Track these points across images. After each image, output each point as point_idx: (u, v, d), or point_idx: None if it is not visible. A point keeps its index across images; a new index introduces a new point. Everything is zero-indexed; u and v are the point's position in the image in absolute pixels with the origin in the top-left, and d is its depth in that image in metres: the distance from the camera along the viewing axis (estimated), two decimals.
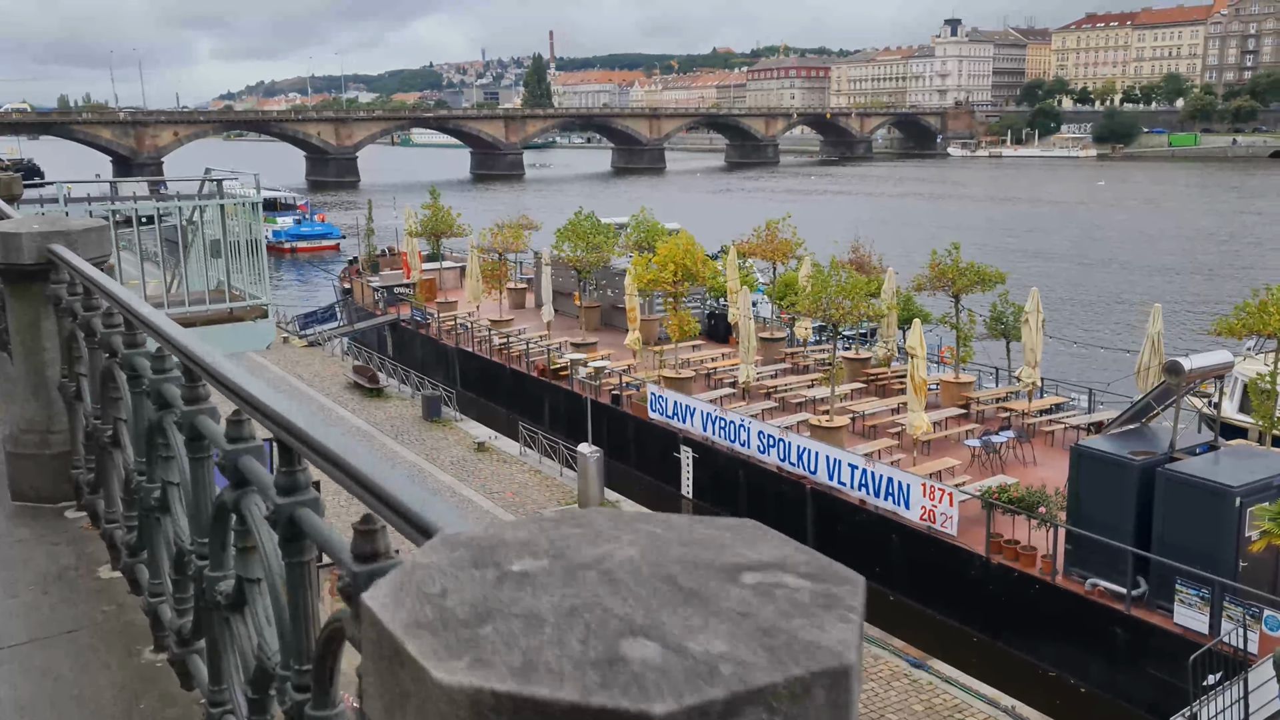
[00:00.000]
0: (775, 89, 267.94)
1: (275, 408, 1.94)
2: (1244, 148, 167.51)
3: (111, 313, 3.60)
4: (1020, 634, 18.49)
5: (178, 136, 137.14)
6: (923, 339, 22.59)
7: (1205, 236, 77.95)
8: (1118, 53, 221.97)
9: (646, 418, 27.59)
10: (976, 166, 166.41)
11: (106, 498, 4.03)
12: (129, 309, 3.18)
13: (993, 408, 26.87)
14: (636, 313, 30.63)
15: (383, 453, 27.60)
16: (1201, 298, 51.27)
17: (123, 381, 3.39)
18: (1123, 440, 17.88)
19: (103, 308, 3.68)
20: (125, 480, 3.62)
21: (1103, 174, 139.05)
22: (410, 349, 40.57)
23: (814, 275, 24.91)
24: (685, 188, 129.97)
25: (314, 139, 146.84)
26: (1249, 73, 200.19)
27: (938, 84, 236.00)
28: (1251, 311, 20.38)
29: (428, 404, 30.83)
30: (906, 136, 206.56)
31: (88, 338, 3.93)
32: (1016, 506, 18.61)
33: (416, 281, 43.82)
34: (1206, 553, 15.76)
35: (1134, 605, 16.66)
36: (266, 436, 2.14)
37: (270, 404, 1.97)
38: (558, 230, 36.16)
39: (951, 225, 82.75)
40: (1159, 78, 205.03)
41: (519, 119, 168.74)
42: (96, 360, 3.84)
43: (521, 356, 33.82)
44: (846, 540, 22.04)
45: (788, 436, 23.36)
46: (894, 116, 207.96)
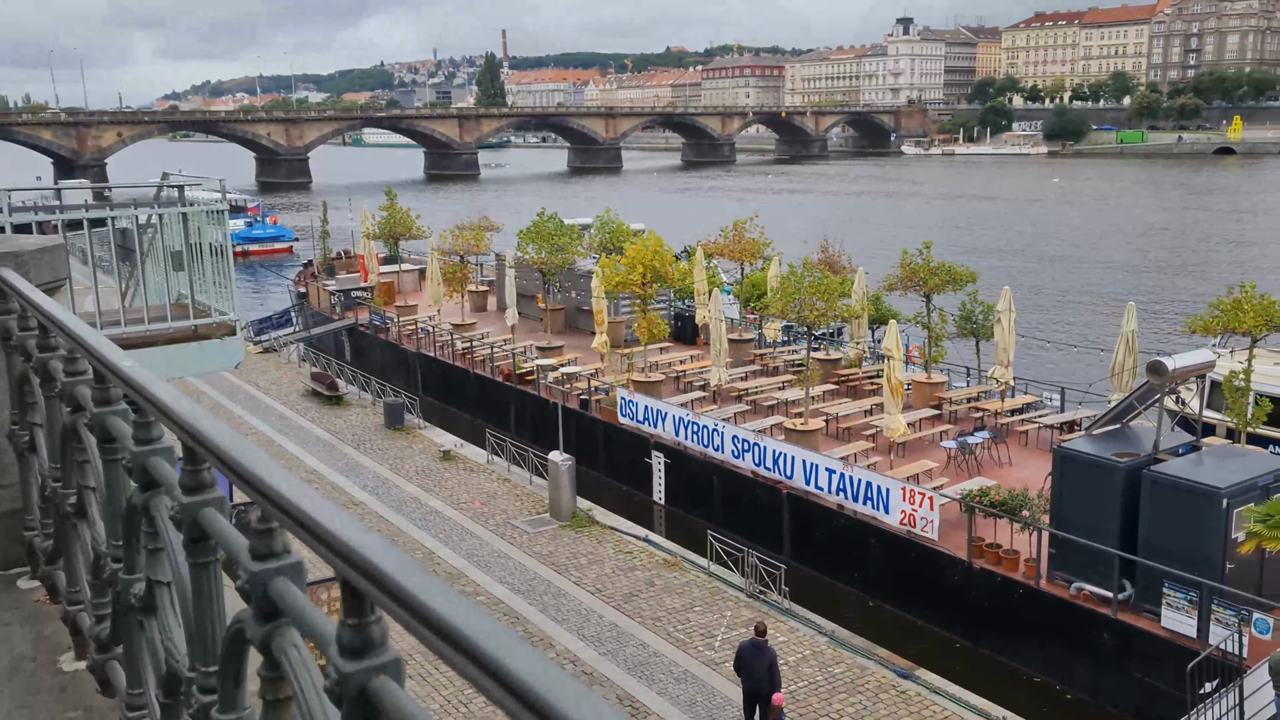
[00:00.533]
0: (730, 88, 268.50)
1: (301, 505, 1.54)
2: (1189, 145, 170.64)
3: (75, 357, 3.03)
4: (1004, 639, 18.23)
5: (121, 137, 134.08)
6: (899, 340, 22.31)
7: (1158, 233, 79.00)
8: (1066, 51, 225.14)
9: (617, 423, 27.07)
10: (931, 164, 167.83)
11: (69, 574, 3.44)
12: (95, 353, 2.62)
13: (965, 408, 26.68)
14: (604, 315, 30.09)
15: (346, 462, 26.81)
16: (1161, 295, 51.79)
17: (91, 445, 2.88)
18: (1105, 442, 17.66)
19: (61, 349, 3.11)
20: (94, 562, 3.10)
21: (1055, 171, 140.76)
22: (369, 354, 39.70)
23: (787, 276, 24.51)
24: (643, 187, 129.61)
25: (264, 140, 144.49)
26: (1191, 71, 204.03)
27: (891, 82, 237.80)
28: (1225, 309, 20.31)
29: (390, 411, 30.06)
30: (861, 135, 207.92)
31: (44, 383, 3.33)
32: (999, 510, 18.34)
33: (374, 285, 42.95)
34: (1193, 555, 15.57)
35: (1120, 609, 16.45)
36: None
37: (293, 500, 1.57)
38: (520, 232, 35.52)
39: (912, 224, 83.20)
40: (1106, 76, 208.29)
41: (473, 118, 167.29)
42: (55, 411, 3.25)
43: (486, 361, 33.14)
44: (824, 546, 21.71)
45: (763, 440, 22.95)
46: (848, 115, 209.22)
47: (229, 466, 1.78)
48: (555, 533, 22.06)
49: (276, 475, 1.62)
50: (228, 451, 1.80)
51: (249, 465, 1.69)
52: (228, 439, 1.85)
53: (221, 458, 1.82)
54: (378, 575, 1.28)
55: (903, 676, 16.18)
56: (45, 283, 3.39)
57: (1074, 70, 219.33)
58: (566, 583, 19.62)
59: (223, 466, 1.82)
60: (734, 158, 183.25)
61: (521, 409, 30.93)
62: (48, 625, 3.72)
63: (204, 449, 1.91)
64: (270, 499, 1.59)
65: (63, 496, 3.26)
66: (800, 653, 16.89)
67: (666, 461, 25.71)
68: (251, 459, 1.71)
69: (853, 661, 16.68)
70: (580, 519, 22.53)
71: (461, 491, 24.72)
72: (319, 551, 1.44)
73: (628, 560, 20.66)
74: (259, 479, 1.64)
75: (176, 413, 2.06)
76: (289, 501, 1.54)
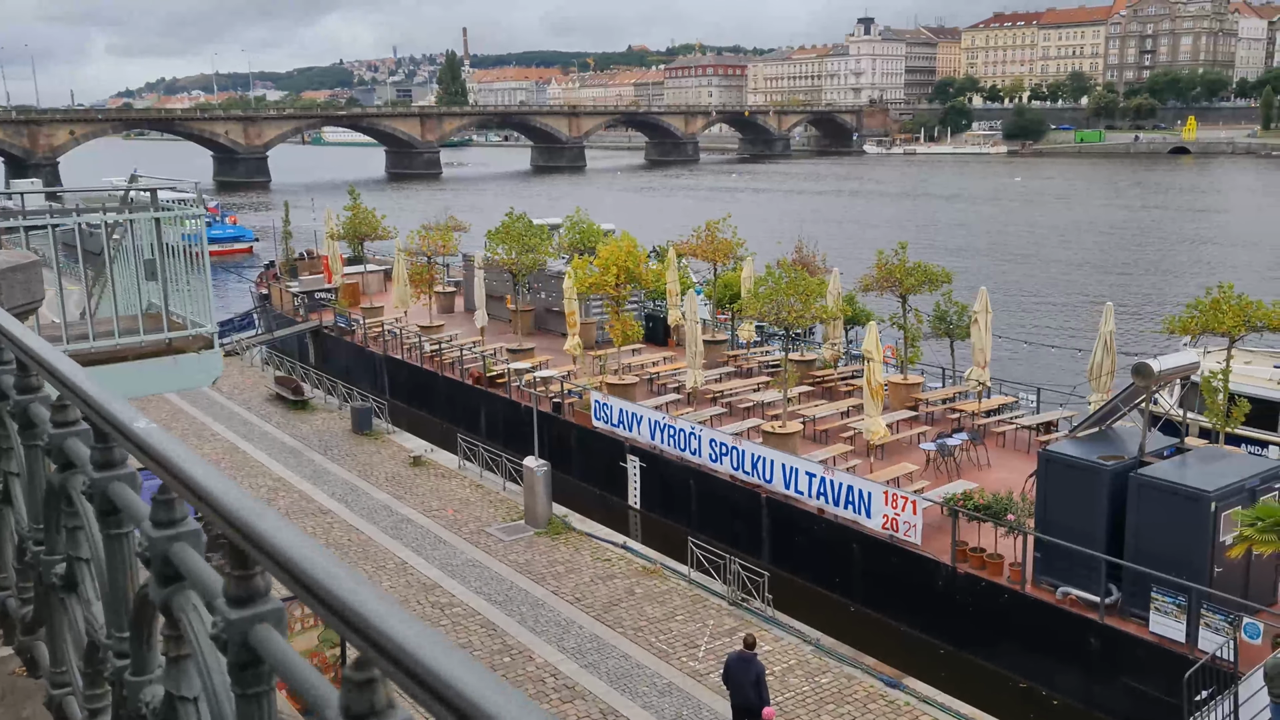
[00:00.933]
0: (693, 87, 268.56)
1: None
2: (1145, 144, 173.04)
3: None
4: (990, 645, 18.03)
5: (74, 135, 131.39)
6: (879, 342, 22.08)
7: (1120, 232, 79.79)
8: (1024, 51, 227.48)
9: (590, 426, 26.64)
10: (893, 164, 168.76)
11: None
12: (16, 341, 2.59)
13: (942, 409, 26.54)
14: (576, 317, 29.64)
15: (313, 469, 26.15)
16: (1127, 294, 52.13)
17: (13, 431, 2.92)
18: (1089, 444, 17.51)
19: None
20: (18, 546, 3.12)
21: (1015, 170, 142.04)
22: (334, 357, 38.95)
23: (765, 277, 24.20)
24: (607, 186, 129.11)
25: (222, 138, 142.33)
26: (1147, 71, 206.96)
27: (852, 82, 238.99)
28: (1204, 310, 20.26)
29: (358, 416, 29.41)
30: (823, 134, 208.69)
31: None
32: (983, 514, 18.14)
33: (339, 286, 42.17)
34: (1181, 559, 15.43)
35: (1108, 614, 16.29)
36: None
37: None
38: (489, 232, 34.95)
39: (877, 223, 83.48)
40: (1064, 76, 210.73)
41: (435, 117, 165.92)
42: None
43: (455, 364, 32.56)
44: (805, 551, 21.42)
45: (741, 444, 22.63)
46: (811, 114, 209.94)
47: (124, 435, 1.90)
48: (531, 540, 21.59)
49: (170, 445, 1.74)
50: (125, 424, 1.91)
51: (142, 435, 1.83)
52: (125, 413, 1.94)
53: (122, 431, 1.92)
54: (254, 534, 1.41)
55: (891, 686, 15.91)
56: (18, 306, 2.99)
57: (1032, 70, 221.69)
58: (544, 592, 19.17)
59: (119, 436, 1.94)
60: (698, 157, 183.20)
61: (493, 413, 30.40)
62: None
63: (111, 428, 2.00)
64: (166, 467, 1.69)
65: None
66: (786, 662, 16.57)
67: (642, 466, 25.31)
68: (145, 430, 1.84)
69: (839, 670, 16.38)
70: (556, 526, 22.08)
71: (433, 498, 24.18)
72: (205, 513, 1.55)
73: (606, 568, 20.24)
74: (151, 447, 1.77)
75: (86, 391, 2.17)
76: (180, 469, 1.65)
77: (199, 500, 1.54)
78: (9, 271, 2.79)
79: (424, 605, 18.60)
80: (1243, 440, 22.14)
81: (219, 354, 7.39)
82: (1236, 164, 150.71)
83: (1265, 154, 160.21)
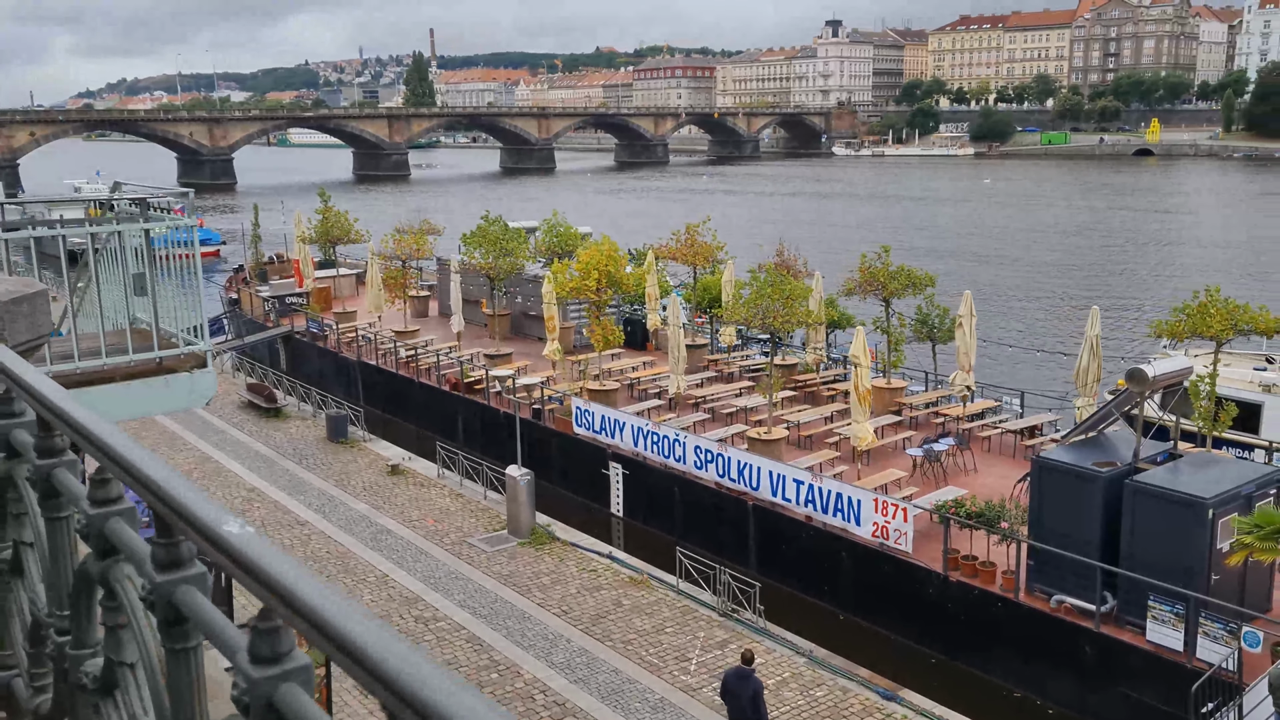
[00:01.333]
0: (662, 88, 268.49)
1: None
2: (1110, 146, 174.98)
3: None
4: (983, 654, 17.83)
5: (34, 137, 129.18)
6: (866, 346, 21.85)
7: (1089, 233, 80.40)
8: (990, 54, 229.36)
9: (572, 433, 26.25)
10: (862, 165, 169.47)
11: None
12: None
13: (925, 413, 26.39)
14: (556, 322, 29.22)
15: (289, 479, 25.56)
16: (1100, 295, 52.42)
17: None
18: (1082, 450, 17.36)
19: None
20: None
21: (984, 172, 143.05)
22: (306, 363, 38.27)
23: (751, 281, 23.90)
24: (578, 188, 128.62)
25: (186, 140, 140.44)
26: (1111, 74, 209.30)
27: (820, 84, 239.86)
28: (1191, 313, 20.21)
29: (333, 424, 28.81)
30: (792, 136, 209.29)
31: None
32: (976, 521, 17.94)
33: (310, 290, 41.49)
34: (1178, 566, 15.29)
35: (1103, 622, 16.13)
36: None
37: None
38: (464, 235, 34.46)
39: (848, 224, 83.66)
40: (1029, 79, 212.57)
41: (403, 118, 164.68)
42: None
43: (431, 369, 32.04)
44: (793, 559, 21.15)
45: (727, 451, 22.33)
46: (780, 116, 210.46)
47: (64, 422, 1.94)
48: (514, 551, 21.17)
49: (103, 428, 1.80)
50: (66, 412, 1.96)
51: (80, 420, 1.88)
52: (65, 401, 1.98)
53: (62, 418, 1.96)
54: (176, 504, 1.50)
55: (887, 698, 15.64)
56: (23, 344, 2.63)
57: (998, 73, 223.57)
58: (530, 605, 18.75)
59: (60, 423, 1.97)
60: (667, 158, 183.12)
61: (470, 420, 29.92)
62: None
63: (52, 415, 2.04)
64: (101, 449, 1.76)
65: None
66: (780, 675, 16.27)
67: (625, 473, 24.96)
68: (83, 416, 1.89)
69: (834, 683, 16.10)
70: (540, 536, 21.67)
71: (412, 508, 23.67)
72: (135, 488, 1.64)
73: (592, 579, 19.86)
74: (88, 430, 1.83)
75: (27, 382, 2.18)
76: (114, 449, 1.72)
77: (130, 477, 1.59)
78: (12, 304, 2.38)
79: (407, 619, 18.13)
80: (1225, 444, 22.15)
81: (213, 373, 6.93)
82: (1199, 165, 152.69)
83: (1227, 155, 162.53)
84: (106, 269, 7.01)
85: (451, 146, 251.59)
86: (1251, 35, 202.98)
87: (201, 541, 1.45)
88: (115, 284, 6.83)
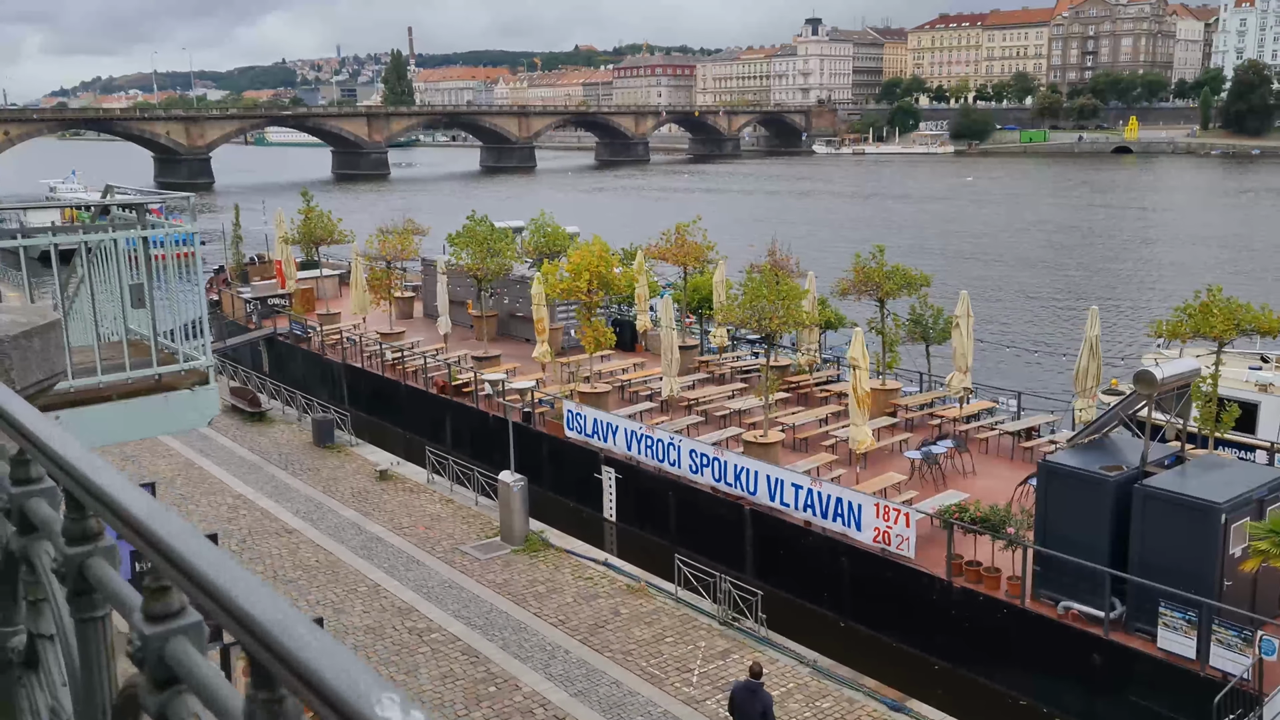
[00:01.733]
0: (642, 87, 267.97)
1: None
2: (1089, 144, 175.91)
3: None
4: (988, 661, 17.53)
5: (8, 136, 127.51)
6: (865, 349, 21.54)
7: (1071, 231, 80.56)
8: (969, 52, 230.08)
9: (563, 436, 25.82)
10: (842, 164, 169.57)
11: None
12: None
13: (920, 415, 26.10)
14: (545, 324, 28.77)
15: (274, 485, 25.01)
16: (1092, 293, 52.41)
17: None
18: (1088, 454, 17.08)
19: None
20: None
21: (966, 170, 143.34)
22: (290, 366, 37.64)
23: (746, 281, 23.53)
24: (559, 187, 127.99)
25: (163, 139, 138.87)
26: (1089, 72, 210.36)
27: (800, 82, 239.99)
28: (1193, 313, 19.99)
29: (319, 428, 28.26)
30: (773, 134, 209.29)
31: None
32: (981, 526, 17.63)
33: (293, 292, 40.85)
34: (1189, 572, 15.02)
35: (1112, 629, 15.86)
36: None
37: None
38: (449, 236, 33.94)
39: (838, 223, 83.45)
40: (1008, 77, 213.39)
41: (383, 117, 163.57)
42: None
43: (418, 372, 31.52)
44: (791, 564, 20.81)
45: (723, 455, 21.96)
46: (760, 115, 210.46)
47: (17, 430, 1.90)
48: (508, 558, 20.72)
49: (19, 407, 1.85)
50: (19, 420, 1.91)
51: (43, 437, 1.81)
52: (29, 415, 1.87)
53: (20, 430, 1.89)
54: (83, 481, 1.50)
55: (894, 709, 15.32)
56: (33, 385, 2.24)
57: (977, 71, 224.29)
58: (526, 615, 18.32)
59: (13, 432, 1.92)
60: (648, 157, 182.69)
61: (459, 423, 29.44)
62: None
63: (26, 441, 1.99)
64: (20, 431, 1.80)
65: None
66: (784, 686, 15.90)
67: (618, 477, 24.56)
68: (45, 429, 1.83)
69: (840, 694, 15.76)
70: (534, 543, 21.23)
71: (403, 514, 23.19)
72: (45, 466, 1.72)
73: (589, 587, 19.44)
74: (7, 413, 1.86)
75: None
76: (31, 432, 1.77)
77: (41, 455, 1.59)
78: (21, 339, 1.96)
79: (400, 631, 17.67)
80: (1224, 444, 21.95)
81: (215, 390, 6.47)
82: (1178, 163, 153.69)
83: (1204, 153, 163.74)
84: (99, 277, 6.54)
85: (431, 145, 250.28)
86: (1227, 34, 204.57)
87: (104, 511, 1.47)
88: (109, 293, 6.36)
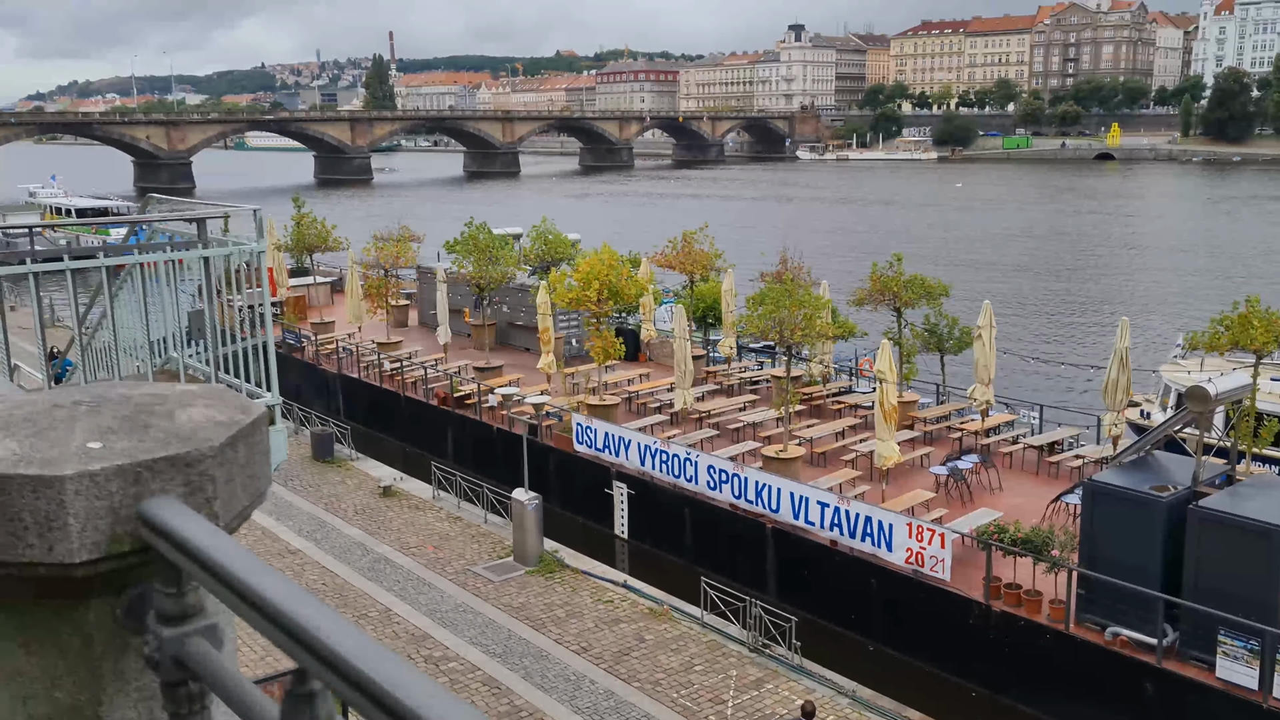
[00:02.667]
0: (625, 92, 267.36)
1: None
2: (1071, 150, 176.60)
3: None
4: (1030, 689, 16.84)
5: None
6: (893, 361, 20.86)
7: (1061, 237, 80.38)
8: (952, 59, 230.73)
9: (572, 450, 25.02)
10: (826, 170, 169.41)
11: None
12: None
13: (939, 427, 25.45)
14: (551, 334, 27.99)
15: (275, 502, 24.06)
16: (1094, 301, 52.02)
17: None
18: (1134, 473, 16.44)
19: None
20: None
21: (950, 175, 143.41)
22: (282, 376, 36.48)
23: (765, 291, 22.81)
24: (545, 192, 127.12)
25: (143, 143, 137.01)
26: (1071, 79, 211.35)
27: (784, 88, 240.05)
28: (1231, 325, 19.42)
29: (318, 442, 27.33)
30: (757, 140, 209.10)
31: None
32: (1022, 548, 16.95)
33: (284, 300, 39.85)
34: (1248, 597, 14.38)
35: (1165, 657, 15.20)
36: None
37: None
38: (447, 243, 33.10)
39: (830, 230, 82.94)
40: (991, 83, 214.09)
41: (365, 121, 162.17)
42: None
43: (418, 383, 30.63)
44: (816, 586, 20.06)
45: (743, 471, 21.21)
46: (744, 120, 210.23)
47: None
48: (523, 580, 19.90)
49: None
50: None
51: None
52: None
53: None
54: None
55: None
56: (236, 518, 1.43)
57: (960, 77, 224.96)
58: (547, 641, 17.51)
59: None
60: (632, 162, 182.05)
61: (461, 436, 28.59)
62: None
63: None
64: None
65: None
66: (823, 719, 15.16)
67: (630, 493, 23.78)
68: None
69: None
70: (549, 563, 20.41)
71: (410, 533, 22.31)
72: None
73: (609, 611, 18.65)
74: None
75: None
76: None
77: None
78: (227, 448, 1.22)
79: (416, 660, 16.80)
80: (1264, 460, 21.41)
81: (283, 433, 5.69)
82: (1160, 169, 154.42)
83: (1185, 159, 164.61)
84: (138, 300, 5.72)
85: (413, 150, 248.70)
86: (1207, 42, 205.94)
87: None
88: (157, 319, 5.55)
